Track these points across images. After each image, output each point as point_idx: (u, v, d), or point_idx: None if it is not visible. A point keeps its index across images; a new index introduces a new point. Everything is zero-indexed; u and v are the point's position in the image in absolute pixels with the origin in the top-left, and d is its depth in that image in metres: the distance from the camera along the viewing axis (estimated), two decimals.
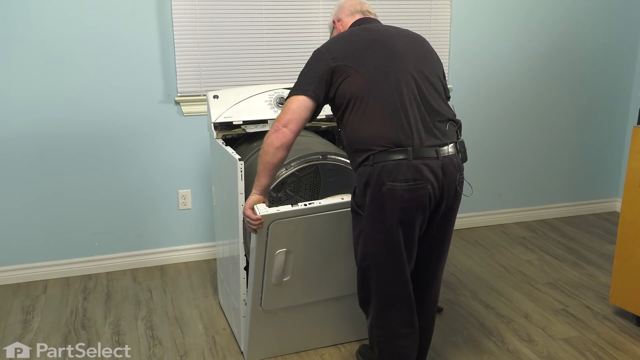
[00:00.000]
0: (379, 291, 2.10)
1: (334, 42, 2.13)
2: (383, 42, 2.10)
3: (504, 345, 2.71)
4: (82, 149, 3.26)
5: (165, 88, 3.32)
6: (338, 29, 2.32)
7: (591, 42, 4.07)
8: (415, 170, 1.95)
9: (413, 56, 2.09)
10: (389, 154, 1.95)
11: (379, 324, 2.15)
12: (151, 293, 3.20)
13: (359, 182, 2.02)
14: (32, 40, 3.05)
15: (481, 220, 4.14)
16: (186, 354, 2.63)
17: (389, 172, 1.94)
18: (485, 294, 3.18)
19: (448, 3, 3.68)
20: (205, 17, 3.26)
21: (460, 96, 3.86)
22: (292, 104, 2.05)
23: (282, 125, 2.03)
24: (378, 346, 2.17)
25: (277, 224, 2.17)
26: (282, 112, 2.06)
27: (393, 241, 2.02)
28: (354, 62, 2.03)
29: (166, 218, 3.50)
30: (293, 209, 2.18)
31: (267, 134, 2.06)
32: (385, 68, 2.04)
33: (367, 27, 2.21)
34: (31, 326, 2.85)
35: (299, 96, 2.04)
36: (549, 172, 4.24)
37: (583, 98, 4.18)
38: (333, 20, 2.36)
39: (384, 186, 1.95)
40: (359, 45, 2.08)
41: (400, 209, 1.97)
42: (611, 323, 2.89)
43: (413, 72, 2.05)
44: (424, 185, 1.97)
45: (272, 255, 2.25)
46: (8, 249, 3.27)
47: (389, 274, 2.08)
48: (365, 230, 2.03)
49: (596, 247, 3.81)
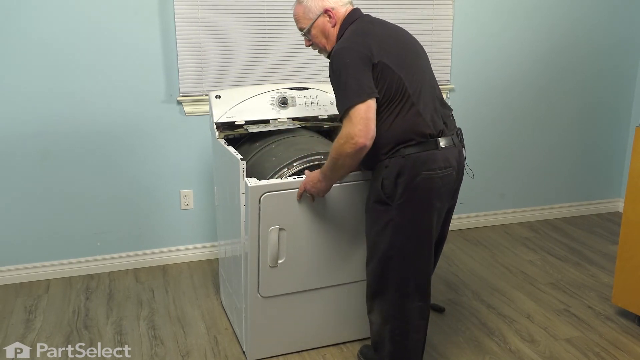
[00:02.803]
0: (401, 282, 2.12)
1: (364, 37, 2.05)
2: (400, 39, 2.15)
3: (506, 345, 2.71)
4: (84, 149, 3.26)
5: (168, 88, 3.32)
6: (333, 18, 2.16)
7: (593, 41, 4.07)
8: (444, 159, 2.07)
9: (422, 53, 2.20)
10: (421, 145, 2.04)
11: (396, 316, 2.16)
12: (153, 293, 3.20)
13: (388, 174, 2.05)
14: (35, 39, 3.06)
15: (483, 221, 4.14)
16: (188, 354, 2.63)
17: (424, 162, 2.03)
18: (487, 294, 3.18)
19: (450, 2, 3.67)
20: (208, 17, 3.26)
21: (462, 96, 3.86)
22: (362, 110, 1.95)
23: (368, 138, 1.96)
24: (392, 340, 2.17)
25: (268, 197, 2.24)
26: (355, 122, 1.95)
27: (426, 228, 2.10)
28: (390, 58, 2.03)
29: (168, 218, 3.51)
30: (282, 181, 2.27)
31: (348, 146, 1.98)
32: (413, 64, 2.11)
33: (378, 21, 2.19)
34: (34, 326, 2.86)
35: (368, 101, 1.95)
36: (551, 172, 4.23)
37: (585, 98, 4.17)
38: (325, 10, 2.16)
39: (419, 176, 2.02)
40: (388, 41, 2.08)
41: (435, 196, 2.07)
42: (613, 323, 2.88)
43: (425, 68, 2.17)
44: (451, 172, 2.10)
45: (265, 232, 2.29)
46: (11, 249, 3.27)
47: (416, 263, 2.13)
48: (395, 220, 2.06)
49: (598, 247, 3.80)
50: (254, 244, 2.31)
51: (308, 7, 2.18)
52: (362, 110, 1.94)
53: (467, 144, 3.85)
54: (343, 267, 2.46)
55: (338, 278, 2.53)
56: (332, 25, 2.17)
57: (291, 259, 2.40)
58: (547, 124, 4.13)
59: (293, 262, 2.42)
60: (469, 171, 2.36)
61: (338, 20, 2.16)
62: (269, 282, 2.41)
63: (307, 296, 2.54)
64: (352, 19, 2.16)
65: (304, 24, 2.22)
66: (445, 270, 3.45)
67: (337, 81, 2.02)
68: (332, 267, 2.50)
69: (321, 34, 2.20)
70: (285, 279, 2.44)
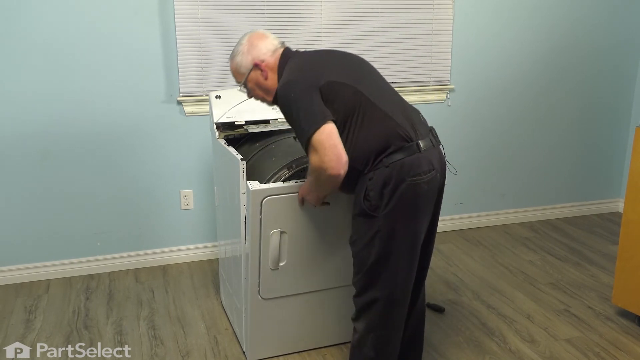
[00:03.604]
0: (390, 290, 2.08)
1: (302, 68, 2.05)
2: (341, 56, 2.16)
3: (506, 345, 2.71)
4: (84, 149, 3.26)
5: (168, 88, 3.32)
6: (264, 71, 2.14)
7: (594, 41, 4.07)
8: (428, 162, 2.02)
9: (373, 68, 2.20)
10: (403, 150, 1.98)
11: (382, 324, 2.14)
12: (153, 293, 3.20)
13: (372, 185, 1.98)
14: (35, 40, 3.06)
15: (483, 221, 4.14)
16: (188, 354, 2.63)
17: (409, 168, 1.97)
18: (488, 294, 3.18)
19: (450, 2, 3.67)
20: (208, 18, 3.26)
21: (462, 96, 3.86)
22: (323, 138, 1.90)
23: (340, 166, 1.92)
24: (375, 347, 2.15)
25: (270, 200, 2.23)
26: (320, 152, 1.90)
27: (413, 236, 2.06)
28: (338, 76, 2.02)
29: (168, 218, 3.51)
30: (284, 185, 2.26)
31: (323, 177, 1.95)
32: (363, 75, 2.10)
33: (312, 52, 2.19)
34: (34, 326, 2.86)
35: (325, 126, 1.91)
36: (552, 172, 4.23)
37: (585, 98, 4.17)
38: (254, 64, 2.14)
39: (404, 182, 1.97)
40: (330, 63, 2.09)
41: (421, 202, 2.03)
42: (613, 324, 2.88)
43: (381, 79, 2.16)
44: (435, 174, 2.05)
45: (267, 235, 2.29)
46: (11, 249, 3.27)
47: (403, 271, 2.09)
48: (382, 231, 2.01)
49: (599, 247, 3.80)
50: (255, 246, 2.31)
51: (239, 63, 2.18)
52: (324, 137, 1.90)
53: (467, 144, 3.89)
54: (344, 269, 2.45)
55: (338, 280, 2.52)
56: (265, 77, 2.15)
57: (292, 261, 2.40)
58: (547, 124, 4.13)
59: (294, 265, 2.41)
60: (452, 168, 2.31)
61: (271, 70, 2.15)
62: (269, 284, 2.41)
63: (308, 297, 2.54)
64: (286, 59, 2.14)
65: (240, 79, 2.23)
66: (445, 270, 3.45)
67: (290, 118, 2.01)
68: (332, 269, 2.50)
69: (257, 87, 2.20)
70: (285, 281, 2.44)
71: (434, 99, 3.80)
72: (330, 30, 3.47)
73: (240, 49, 2.18)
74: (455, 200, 4.01)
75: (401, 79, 3.69)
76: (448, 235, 3.97)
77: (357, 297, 2.15)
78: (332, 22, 3.47)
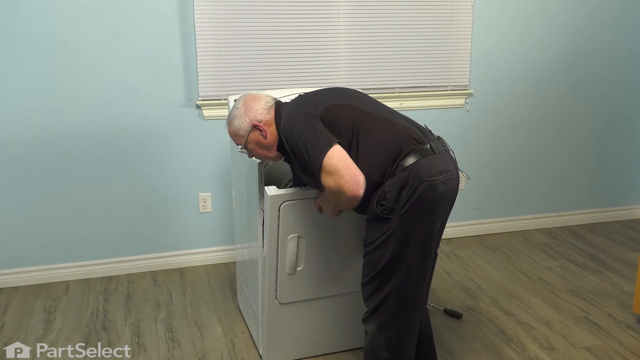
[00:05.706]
0: (401, 292, 2.09)
1: (297, 106, 2.13)
2: (333, 88, 2.26)
3: (524, 352, 2.69)
4: (104, 152, 3.29)
5: (187, 92, 3.35)
6: (264, 131, 2.16)
7: (615, 47, 4.02)
8: (442, 162, 2.04)
9: (360, 92, 2.28)
10: (418, 152, 2.01)
11: (393, 325, 2.13)
12: (171, 295, 3.22)
13: (390, 187, 2.00)
14: (56, 44, 3.10)
15: (501, 226, 4.11)
16: (205, 357, 2.64)
17: (426, 169, 1.99)
18: (506, 300, 3.16)
19: (470, 7, 3.66)
20: (227, 22, 3.28)
21: (481, 101, 3.83)
22: (335, 161, 1.93)
23: (359, 187, 1.94)
24: (389, 348, 2.15)
25: (288, 206, 2.25)
26: (336, 175, 1.93)
27: (428, 238, 2.07)
28: (335, 100, 2.11)
29: (186, 221, 3.53)
30: (302, 190, 2.28)
31: (342, 197, 1.98)
32: (359, 96, 2.20)
33: (303, 94, 2.24)
34: (53, 327, 2.89)
35: (333, 149, 1.94)
36: (571, 178, 4.19)
37: (606, 104, 4.13)
38: (253, 125, 2.16)
39: (422, 184, 1.98)
40: (321, 94, 2.17)
41: (438, 203, 2.04)
42: (634, 332, 2.85)
43: (372, 98, 2.24)
44: (451, 176, 2.07)
45: (284, 240, 2.30)
46: (31, 250, 3.31)
47: (416, 273, 2.09)
48: (398, 232, 2.02)
49: (619, 254, 3.76)
50: (273, 251, 2.32)
51: (237, 126, 2.20)
52: (335, 160, 1.93)
53: (485, 149, 3.87)
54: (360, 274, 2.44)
55: (355, 285, 2.51)
56: (265, 136, 2.17)
57: (309, 266, 2.40)
58: (567, 129, 4.09)
59: (311, 270, 2.41)
60: (466, 173, 2.33)
61: (269, 126, 2.17)
62: (286, 289, 2.42)
63: (325, 302, 2.54)
64: (280, 107, 2.19)
65: (239, 141, 2.24)
66: (462, 276, 3.43)
67: (299, 151, 2.01)
68: (349, 274, 2.49)
69: (257, 146, 2.21)
70: (302, 286, 2.44)
71: (452, 104, 3.78)
72: (349, 34, 3.48)
73: (237, 112, 2.20)
74: (474, 205, 3.99)
75: (419, 84, 3.69)
76: (466, 240, 3.95)
77: (369, 298, 2.16)
78: (351, 25, 3.47)
